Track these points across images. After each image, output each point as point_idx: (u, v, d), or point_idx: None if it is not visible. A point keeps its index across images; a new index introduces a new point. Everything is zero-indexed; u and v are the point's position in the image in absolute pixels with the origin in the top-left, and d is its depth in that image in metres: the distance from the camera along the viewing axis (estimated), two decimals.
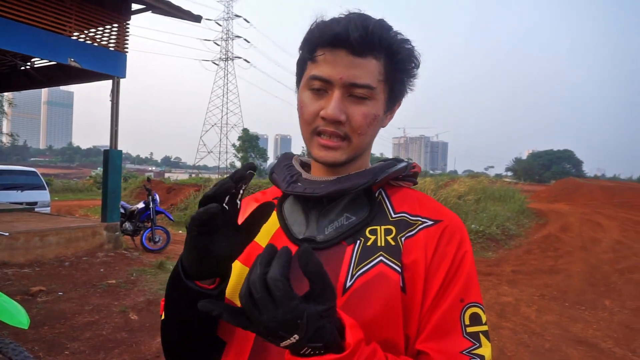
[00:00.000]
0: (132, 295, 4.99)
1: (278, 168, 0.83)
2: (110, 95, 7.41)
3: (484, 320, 0.69)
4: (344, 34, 0.68)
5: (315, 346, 0.54)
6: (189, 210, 13.67)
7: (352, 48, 0.68)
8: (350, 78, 0.69)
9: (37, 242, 6.17)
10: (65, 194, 24.87)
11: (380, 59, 0.71)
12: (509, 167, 72.21)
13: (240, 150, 40.02)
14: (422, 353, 0.67)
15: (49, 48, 6.55)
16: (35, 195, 10.49)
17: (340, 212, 0.75)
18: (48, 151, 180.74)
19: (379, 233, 0.72)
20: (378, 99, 0.72)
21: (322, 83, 0.71)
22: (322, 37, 0.70)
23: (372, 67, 0.70)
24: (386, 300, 0.67)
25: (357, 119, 0.71)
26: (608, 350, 4.10)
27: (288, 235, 0.76)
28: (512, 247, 9.73)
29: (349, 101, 0.71)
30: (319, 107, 0.71)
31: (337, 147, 0.72)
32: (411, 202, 0.76)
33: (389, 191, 0.79)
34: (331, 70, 0.70)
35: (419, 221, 0.73)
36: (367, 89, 0.70)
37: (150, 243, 7.66)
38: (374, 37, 0.69)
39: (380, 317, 0.66)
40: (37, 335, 3.72)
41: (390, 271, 0.68)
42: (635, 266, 7.62)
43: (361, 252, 0.70)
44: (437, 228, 0.72)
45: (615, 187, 24.52)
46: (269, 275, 0.52)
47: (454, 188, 14.90)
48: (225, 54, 67.45)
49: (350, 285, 0.68)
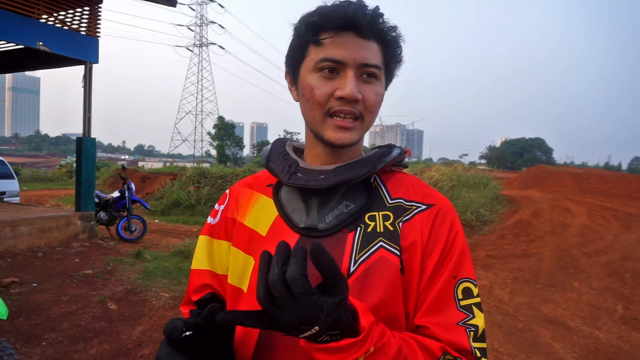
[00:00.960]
0: (109, 285, 4.92)
1: (274, 157, 0.84)
2: (82, 81, 7.18)
3: (476, 293, 0.74)
4: (354, 17, 0.70)
5: (333, 333, 0.57)
6: (165, 199, 13.47)
7: (360, 31, 0.71)
8: (362, 59, 0.72)
9: (8, 233, 5.98)
10: (34, 184, 24.09)
11: (379, 43, 0.75)
12: (482, 155, 73.62)
13: (215, 139, 39.42)
14: (422, 327, 0.71)
15: (16, 31, 6.28)
16: (3, 184, 10.13)
17: (340, 200, 0.77)
18: (14, 139, 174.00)
19: (377, 219, 0.75)
20: (382, 79, 0.76)
21: (334, 64, 0.72)
22: (330, 20, 0.71)
23: (376, 50, 0.74)
24: (388, 283, 0.71)
25: (370, 97, 0.74)
26: (576, 328, 4.30)
27: (289, 224, 0.78)
28: (486, 233, 9.99)
29: (360, 81, 0.73)
30: (332, 88, 0.72)
31: (352, 127, 0.74)
32: (406, 188, 0.80)
33: (383, 177, 0.82)
34: (344, 52, 0.71)
35: (413, 206, 0.77)
36: (376, 69, 0.74)
37: (126, 232, 7.55)
38: (376, 24, 0.73)
39: (383, 298, 0.70)
40: (12, 327, 3.64)
41: (390, 255, 0.72)
42: (601, 249, 7.95)
43: (362, 239, 0.74)
44: (430, 212, 0.77)
45: (583, 174, 25.34)
46: (288, 274, 0.53)
47: (429, 175, 15.12)
48: (199, 39, 66.00)
49: (354, 270, 0.71)
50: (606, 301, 5.18)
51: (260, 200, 0.84)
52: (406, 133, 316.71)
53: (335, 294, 0.56)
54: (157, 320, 4.02)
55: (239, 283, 0.79)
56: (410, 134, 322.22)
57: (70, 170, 27.57)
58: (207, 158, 44.98)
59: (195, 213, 12.58)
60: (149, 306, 4.33)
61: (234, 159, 38.18)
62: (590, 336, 4.12)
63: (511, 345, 3.84)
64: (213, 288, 0.86)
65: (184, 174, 15.53)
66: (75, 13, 7.18)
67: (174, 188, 14.00)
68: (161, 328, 3.85)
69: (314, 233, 0.75)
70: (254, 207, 0.84)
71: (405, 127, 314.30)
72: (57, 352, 3.32)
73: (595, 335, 4.14)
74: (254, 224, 0.81)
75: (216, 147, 39.20)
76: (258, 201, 0.84)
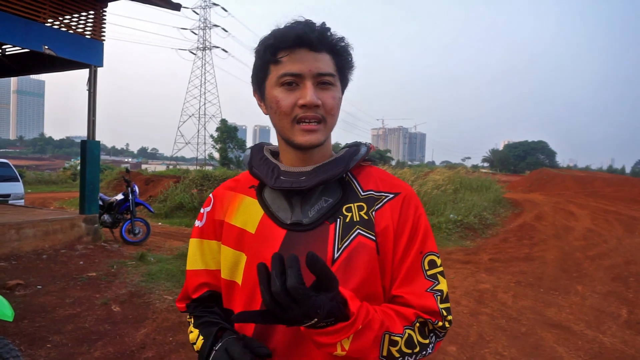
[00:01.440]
0: (113, 287, 4.94)
1: (256, 162, 0.94)
2: (87, 84, 7.22)
3: (439, 263, 0.89)
4: (304, 35, 0.82)
5: (328, 321, 0.71)
6: (168, 202, 13.50)
7: (312, 46, 0.83)
8: (316, 69, 0.83)
9: (13, 235, 6.01)
10: (39, 186, 24.19)
11: (330, 54, 0.86)
12: (485, 158, 73.47)
13: (218, 141, 39.49)
14: (397, 297, 0.86)
15: (22, 35, 6.33)
16: (8, 187, 10.18)
17: (319, 196, 0.89)
18: (19, 142, 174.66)
19: (353, 210, 0.88)
20: (337, 85, 0.87)
21: (293, 78, 0.83)
22: (284, 41, 0.83)
23: (328, 60, 0.85)
24: (367, 264, 0.84)
25: (329, 101, 0.85)
26: (580, 332, 4.28)
27: (275, 221, 0.89)
28: (489, 236, 9.97)
29: (318, 89, 0.84)
30: (295, 98, 0.84)
31: (317, 129, 0.84)
32: (374, 181, 0.92)
33: (354, 172, 0.94)
34: (300, 66, 0.83)
35: (383, 196, 0.90)
36: (331, 76, 0.85)
37: (130, 235, 7.56)
38: (325, 37, 0.84)
39: (364, 277, 0.84)
40: (17, 329, 3.66)
41: (367, 240, 0.85)
42: (605, 253, 7.92)
43: (342, 228, 0.86)
44: (397, 199, 0.90)
45: (586, 177, 25.27)
46: (288, 284, 0.64)
47: (432, 178, 15.11)
48: (202, 43, 66.22)
49: (338, 256, 0.84)
50: (610, 305, 5.16)
51: (245, 201, 0.94)
52: (409, 136, 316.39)
53: (329, 291, 0.68)
54: (160, 322, 4.03)
55: (231, 277, 0.91)
56: (412, 137, 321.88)
57: (74, 172, 27.66)
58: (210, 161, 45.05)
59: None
60: (152, 309, 4.34)
61: (236, 162, 38.23)
62: (594, 340, 4.11)
63: (515, 349, 3.83)
64: (209, 284, 0.96)
65: (187, 177, 15.56)
66: (81, 17, 7.24)
67: (177, 191, 14.04)
68: (165, 330, 3.87)
69: (300, 227, 0.87)
70: (239, 208, 0.93)
71: (407, 130, 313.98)
72: (61, 354, 3.33)
73: (600, 340, 4.13)
74: (242, 223, 0.91)
75: (219, 149, 39.26)
76: (243, 202, 0.94)
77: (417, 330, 0.82)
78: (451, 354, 3.71)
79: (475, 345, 3.90)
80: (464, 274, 6.46)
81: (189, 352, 3.51)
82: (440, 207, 11.73)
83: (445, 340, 3.98)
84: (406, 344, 0.80)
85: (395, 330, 0.79)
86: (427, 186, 12.83)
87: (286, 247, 0.85)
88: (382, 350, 0.77)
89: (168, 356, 3.43)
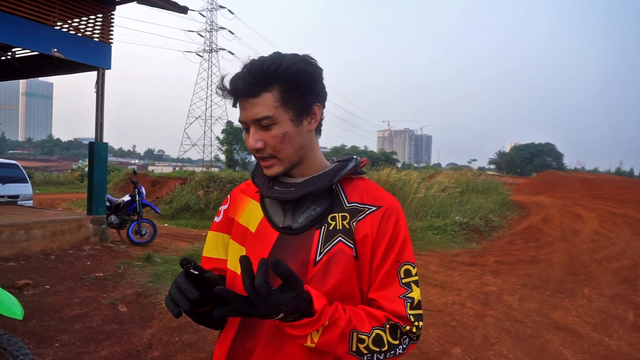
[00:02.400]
0: (120, 287, 4.98)
1: (257, 172, 1.06)
2: (95, 86, 7.30)
3: (414, 273, 0.97)
4: (235, 89, 0.93)
5: (294, 316, 0.81)
6: (175, 203, 13.57)
7: (247, 94, 0.92)
8: (253, 116, 0.93)
9: (22, 236, 6.09)
10: (47, 187, 24.40)
11: (273, 89, 0.92)
12: (492, 160, 73.13)
13: (224, 143, 39.59)
14: (373, 300, 0.95)
15: (31, 38, 6.42)
16: (17, 188, 10.28)
17: (309, 205, 0.99)
18: (27, 144, 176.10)
19: (337, 219, 0.97)
20: (281, 120, 0.93)
21: (244, 124, 0.97)
22: (230, 92, 0.95)
23: (267, 101, 0.92)
24: (344, 268, 0.93)
25: (270, 141, 0.95)
26: (586, 335, 4.26)
27: (271, 224, 1.00)
28: (495, 239, 9.93)
29: (262, 130, 0.94)
30: None
31: (271, 165, 0.97)
32: (360, 193, 1.01)
33: (343, 184, 1.03)
34: (243, 115, 0.95)
35: (366, 208, 0.99)
36: (267, 119, 0.92)
37: (136, 236, 7.62)
38: (259, 79, 0.91)
39: (341, 280, 0.93)
40: (26, 328, 3.71)
41: (346, 247, 0.95)
42: (612, 256, 7.87)
43: (326, 235, 0.96)
44: (379, 212, 0.98)
45: (594, 179, 25.10)
46: (256, 282, 0.75)
47: (438, 181, 15.06)
48: (209, 45, 66.54)
49: (320, 259, 0.94)
50: (617, 308, 5.13)
51: (250, 203, 1.07)
52: (415, 138, 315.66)
53: (292, 290, 0.79)
54: (167, 322, 4.06)
55: (235, 268, 1.02)
56: (419, 139, 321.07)
57: (82, 174, 27.87)
58: (216, 162, 45.19)
59: (204, 217, 12.66)
60: (159, 309, 4.38)
61: (242, 164, 38.31)
62: (601, 343, 4.09)
63: (520, 352, 3.82)
64: (219, 270, 1.08)
65: (193, 179, 15.64)
66: (89, 20, 7.32)
67: (184, 192, 14.11)
68: (171, 331, 3.90)
69: (290, 231, 0.98)
70: (245, 209, 1.06)
71: (413, 132, 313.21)
72: (69, 353, 3.37)
73: (606, 343, 4.11)
74: (246, 222, 1.04)
75: (225, 151, 39.36)
76: (249, 204, 1.07)
77: (388, 332, 0.91)
78: (456, 356, 3.70)
79: (480, 348, 3.89)
80: (470, 276, 6.44)
81: (195, 352, 3.53)
82: (446, 210, 11.70)
83: (450, 342, 3.98)
84: (374, 342, 0.89)
85: (362, 329, 0.88)
86: (433, 189, 12.80)
87: (277, 247, 0.97)
88: (352, 346, 0.87)
89: (174, 356, 3.46)
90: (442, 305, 5.04)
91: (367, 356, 0.89)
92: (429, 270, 6.69)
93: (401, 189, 12.51)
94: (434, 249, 8.60)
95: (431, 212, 11.44)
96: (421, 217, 11.17)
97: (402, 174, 13.62)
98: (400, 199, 12.14)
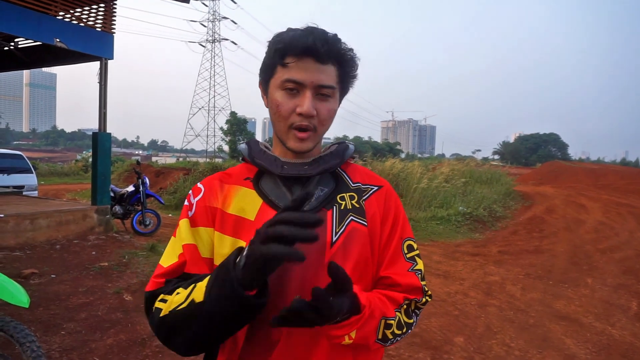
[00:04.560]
0: (125, 277, 5.03)
1: (257, 154, 0.99)
2: (97, 77, 7.29)
3: (416, 247, 1.00)
4: (313, 47, 0.86)
5: (346, 316, 0.79)
6: (178, 194, 13.61)
7: (318, 57, 0.87)
8: (318, 81, 0.88)
9: (27, 225, 6.13)
10: (51, 178, 24.52)
11: (335, 65, 0.90)
12: (496, 151, 72.82)
13: (228, 134, 39.62)
14: (385, 277, 0.95)
15: (34, 28, 6.40)
16: (22, 178, 10.34)
17: (316, 186, 0.96)
18: (31, 134, 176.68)
19: (346, 199, 0.96)
20: (336, 97, 0.93)
21: (295, 85, 0.88)
22: (293, 47, 0.87)
23: (332, 72, 0.90)
24: (361, 247, 0.92)
25: (323, 113, 0.91)
26: (589, 325, 4.27)
27: (275, 208, 0.92)
28: (499, 229, 9.93)
29: (316, 99, 0.89)
30: (294, 105, 0.89)
31: (308, 137, 0.91)
32: (360, 175, 1.03)
33: (342, 167, 1.03)
34: (303, 74, 0.87)
35: (369, 188, 1.00)
36: (331, 89, 0.90)
37: (140, 226, 7.66)
38: (333, 49, 0.88)
39: (359, 259, 0.92)
40: (32, 317, 3.75)
41: (360, 226, 0.94)
42: (616, 246, 7.86)
43: (338, 215, 0.93)
44: (382, 191, 1.01)
45: (598, 169, 24.98)
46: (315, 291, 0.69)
47: (442, 171, 15.03)
48: (212, 35, 66.22)
49: (336, 240, 0.91)
50: (620, 298, 5.13)
51: (240, 191, 0.96)
52: (418, 128, 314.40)
53: (345, 291, 0.75)
54: None
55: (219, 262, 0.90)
56: (422, 130, 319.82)
57: (85, 165, 27.96)
58: (219, 153, 45.25)
59: None
60: None
61: None
62: (603, 332, 4.10)
63: (522, 341, 3.84)
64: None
65: (197, 169, 15.67)
66: (91, 10, 7.28)
67: (187, 183, 14.14)
68: None
69: None
70: (235, 198, 0.95)
71: (417, 123, 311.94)
72: (75, 341, 3.42)
73: (609, 332, 4.12)
74: (238, 211, 0.93)
75: (228, 142, 39.40)
76: (239, 192, 0.96)
77: (404, 312, 0.92)
78: (459, 344, 3.72)
79: (483, 337, 3.91)
80: (473, 266, 6.45)
81: None
82: (449, 200, 11.69)
83: (453, 331, 4.00)
84: (397, 326, 0.89)
85: (389, 315, 0.88)
86: (437, 180, 12.77)
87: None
88: (378, 334, 0.86)
89: None
90: (445, 294, 5.05)
91: (390, 341, 0.88)
92: (432, 260, 6.70)
93: (405, 179, 12.50)
94: (438, 239, 8.61)
95: (435, 202, 11.43)
96: (424, 208, 11.17)
97: (407, 165, 13.65)
98: (404, 189, 12.14)
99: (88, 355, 3.22)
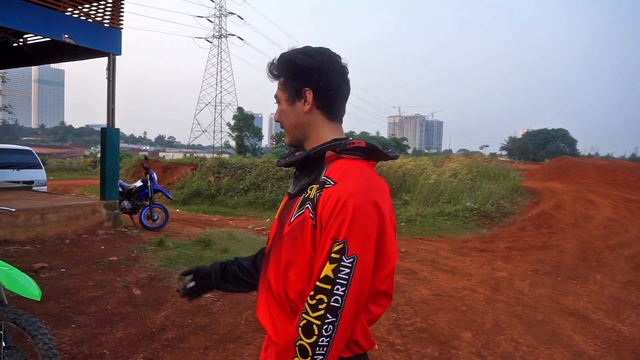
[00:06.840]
0: (133, 271, 5.06)
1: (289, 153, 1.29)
2: (106, 72, 7.32)
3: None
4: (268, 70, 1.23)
5: None
6: (186, 189, 13.69)
7: (271, 77, 1.23)
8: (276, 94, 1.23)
9: (37, 220, 6.19)
10: (60, 173, 24.75)
11: (281, 76, 1.21)
12: (503, 146, 72.28)
13: (234, 130, 39.67)
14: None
15: (42, 23, 6.43)
16: (31, 174, 10.43)
17: (303, 177, 1.16)
18: (40, 130, 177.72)
19: (313, 189, 1.08)
20: (281, 99, 1.21)
21: None
22: None
23: (280, 83, 1.21)
24: (304, 232, 1.06)
25: (276, 115, 1.25)
26: (598, 321, 4.24)
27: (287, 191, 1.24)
28: (507, 225, 9.87)
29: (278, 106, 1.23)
30: None
31: (284, 135, 1.24)
32: (337, 169, 1.08)
33: (332, 162, 1.12)
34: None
35: (328, 182, 1.06)
36: (276, 97, 1.23)
37: (149, 221, 7.71)
38: (275, 68, 1.21)
39: (300, 242, 1.07)
40: (43, 310, 3.80)
41: (309, 214, 1.06)
42: (626, 242, 7.78)
43: (301, 201, 1.10)
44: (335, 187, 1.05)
45: (608, 165, 24.68)
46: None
47: (449, 167, 14.96)
48: (218, 31, 66.22)
49: (292, 221, 1.09)
50: (630, 294, 5.09)
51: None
52: (425, 124, 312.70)
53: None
54: (179, 305, 4.13)
55: None
56: (429, 125, 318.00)
57: (94, 160, 28.18)
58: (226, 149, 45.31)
59: (215, 203, 12.75)
60: (172, 292, 4.45)
61: (252, 150, 38.39)
62: (613, 329, 4.07)
63: (530, 337, 3.82)
64: None
65: (204, 165, 15.72)
66: (99, 5, 7.30)
67: (195, 178, 14.20)
68: (184, 313, 3.96)
69: (290, 197, 1.19)
70: None
71: (424, 118, 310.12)
72: (85, 334, 3.45)
73: (618, 328, 4.09)
74: None
75: (235, 138, 39.47)
76: None
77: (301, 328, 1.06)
78: (466, 340, 3.72)
79: (491, 332, 3.90)
80: (480, 261, 6.43)
81: (208, 334, 3.59)
82: (457, 195, 11.64)
83: (461, 326, 3.99)
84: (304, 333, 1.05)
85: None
86: (444, 175, 12.72)
87: (283, 209, 1.19)
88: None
89: (187, 338, 3.52)
90: (452, 290, 5.04)
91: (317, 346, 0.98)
92: (439, 255, 6.68)
93: (412, 175, 12.46)
94: (445, 234, 8.58)
95: (442, 198, 11.39)
96: (432, 203, 11.14)
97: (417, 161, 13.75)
98: (411, 184, 12.10)
99: (98, 348, 3.26)
